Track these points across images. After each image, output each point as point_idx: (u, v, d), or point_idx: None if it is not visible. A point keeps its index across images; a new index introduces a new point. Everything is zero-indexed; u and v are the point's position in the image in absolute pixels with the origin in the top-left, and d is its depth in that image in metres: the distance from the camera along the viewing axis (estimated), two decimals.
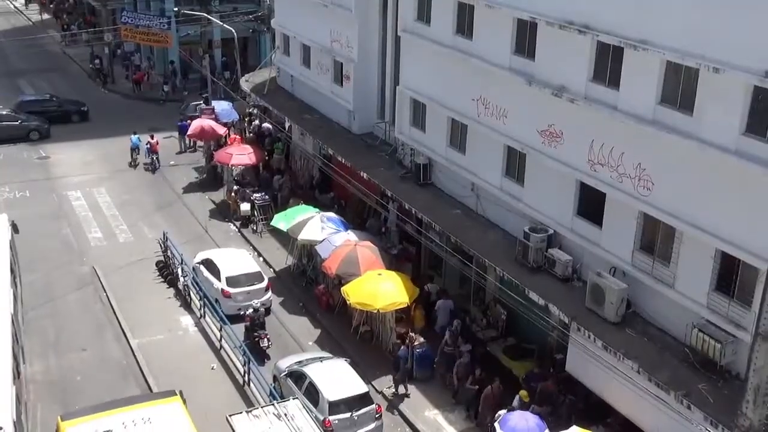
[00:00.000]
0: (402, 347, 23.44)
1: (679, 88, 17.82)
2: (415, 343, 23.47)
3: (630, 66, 18.70)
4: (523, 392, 20.43)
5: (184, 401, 19.17)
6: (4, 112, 43.19)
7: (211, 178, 38.06)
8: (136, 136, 40.07)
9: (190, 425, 18.18)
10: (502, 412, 19.85)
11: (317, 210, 29.36)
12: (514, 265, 21.82)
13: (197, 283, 26.92)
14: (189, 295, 27.53)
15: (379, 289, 23.90)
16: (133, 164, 39.76)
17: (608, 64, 19.37)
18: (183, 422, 18.25)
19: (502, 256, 22.42)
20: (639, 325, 19.15)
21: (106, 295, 27.98)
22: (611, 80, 19.37)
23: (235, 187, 34.89)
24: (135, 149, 39.80)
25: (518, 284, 21.21)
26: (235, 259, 27.86)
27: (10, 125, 42.42)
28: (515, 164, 23.02)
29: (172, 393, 19.52)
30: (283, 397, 20.83)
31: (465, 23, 24.14)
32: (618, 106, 19.08)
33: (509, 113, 22.70)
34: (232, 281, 26.72)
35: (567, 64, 20.33)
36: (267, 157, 37.51)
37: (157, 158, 39.37)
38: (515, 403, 20.20)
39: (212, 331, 25.78)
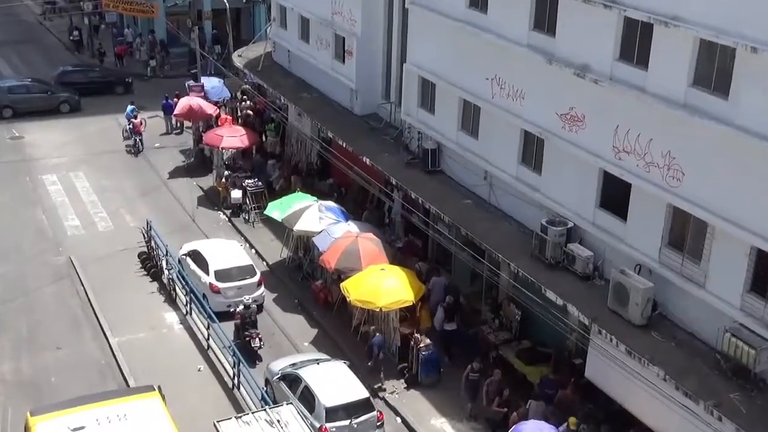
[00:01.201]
0: (377, 334, 23.63)
1: (714, 69, 17.75)
2: (421, 345, 23.49)
3: (660, 44, 18.63)
4: (572, 419, 19.97)
5: (163, 397, 19.28)
6: (28, 82, 43.78)
7: (199, 162, 38.05)
8: (133, 106, 40.32)
9: (170, 422, 18.23)
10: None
11: (315, 198, 29.33)
12: (529, 261, 21.82)
13: (183, 277, 26.97)
14: (174, 289, 27.57)
15: (382, 285, 23.92)
16: (126, 136, 40.21)
17: (636, 41, 19.30)
18: (161, 419, 18.30)
19: (516, 250, 22.42)
20: (666, 329, 19.15)
21: (84, 289, 28.03)
22: (639, 59, 19.30)
23: (225, 173, 34.88)
24: (130, 119, 40.14)
25: (534, 282, 21.20)
26: (224, 251, 27.89)
27: (38, 97, 42.95)
28: (532, 151, 22.98)
29: (150, 388, 19.65)
30: (275, 403, 20.87)
31: None
32: (646, 88, 19.02)
33: (527, 94, 22.64)
34: (221, 275, 26.77)
35: (591, 41, 20.26)
36: (263, 139, 37.51)
37: (140, 140, 39.39)
38: (562, 429, 19.88)
39: (199, 329, 25.84)
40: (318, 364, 22.42)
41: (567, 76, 20.92)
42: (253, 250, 30.96)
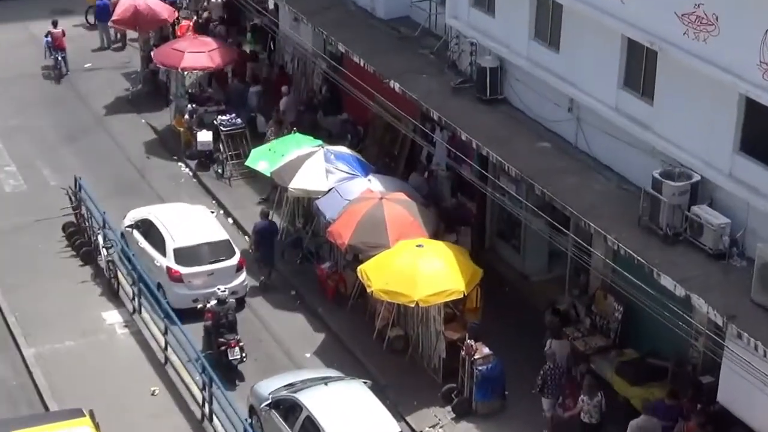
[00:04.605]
0: (265, 220, 26.27)
1: None
2: (476, 356, 23.58)
3: None
4: None
5: (97, 425, 19.63)
6: None
7: (150, 90, 38.17)
8: None
9: None
10: None
11: (320, 142, 29.39)
12: (636, 232, 21.78)
13: (129, 259, 27.18)
14: (116, 277, 27.81)
15: (419, 269, 23.97)
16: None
17: None
18: None
19: (616, 217, 22.38)
20: None
21: None
22: None
23: (188, 106, 34.97)
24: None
25: (643, 263, 21.18)
26: (188, 220, 28.11)
27: None
28: (640, 69, 22.83)
29: (78, 413, 20.05)
30: None
31: None
32: None
33: None
34: (184, 256, 26.99)
35: None
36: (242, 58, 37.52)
37: (63, 59, 39.53)
38: None
39: (153, 335, 26.09)
40: (326, 384, 22.56)
41: None
42: (230, 219, 31.17)
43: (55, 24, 39.70)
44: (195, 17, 40.57)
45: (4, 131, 35.93)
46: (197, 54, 34.94)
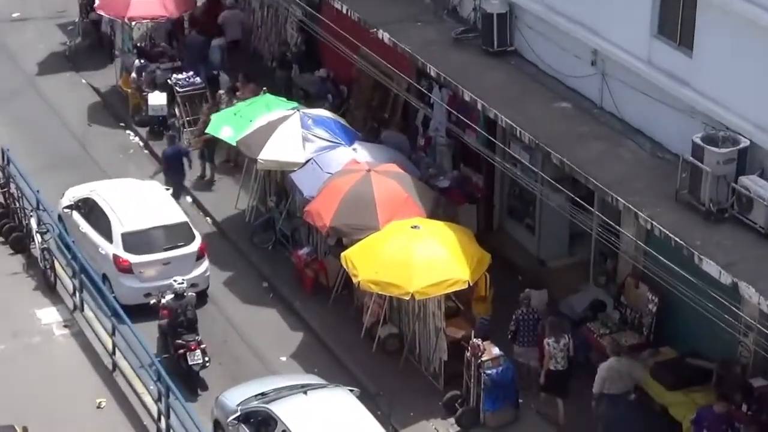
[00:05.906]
0: (173, 144, 27.09)
1: None
2: (484, 358, 23.61)
3: None
4: None
5: None
6: None
7: (91, 44, 38.05)
8: None
9: None
10: None
11: (295, 104, 29.34)
12: (673, 208, 21.79)
13: (68, 246, 27.15)
14: (52, 267, 27.80)
15: (415, 255, 24.00)
16: None
17: None
18: None
19: (650, 190, 22.40)
20: None
21: None
22: None
23: (137, 62, 34.87)
24: None
25: (681, 245, 21.19)
26: (138, 199, 28.08)
27: None
28: (677, 13, 22.81)
29: (9, 430, 20.12)
30: None
31: None
32: None
33: None
34: (134, 241, 26.98)
35: None
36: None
37: None
38: None
39: (98, 336, 26.08)
40: (305, 393, 22.58)
41: None
42: (189, 198, 31.12)
43: None
44: None
45: None
46: (147, 1, 34.82)
